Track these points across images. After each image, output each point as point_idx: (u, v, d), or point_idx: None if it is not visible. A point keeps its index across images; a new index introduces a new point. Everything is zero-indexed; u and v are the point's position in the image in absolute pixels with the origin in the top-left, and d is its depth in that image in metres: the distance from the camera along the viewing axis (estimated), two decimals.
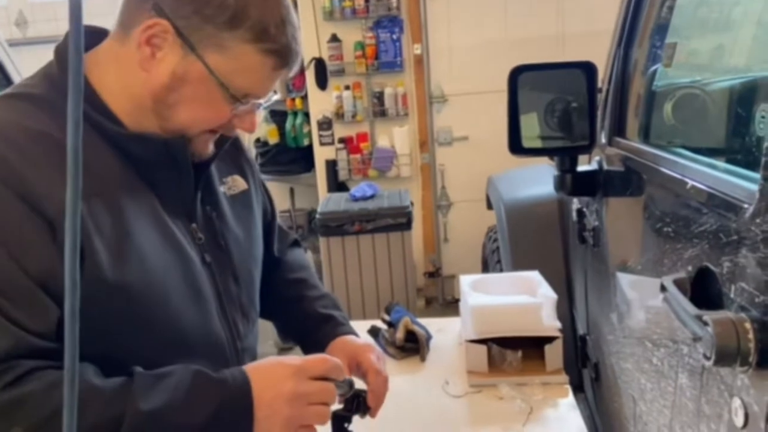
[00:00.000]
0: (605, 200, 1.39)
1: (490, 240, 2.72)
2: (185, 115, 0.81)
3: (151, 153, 0.82)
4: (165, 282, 0.81)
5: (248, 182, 1.01)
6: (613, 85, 1.43)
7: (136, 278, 0.77)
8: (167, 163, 0.83)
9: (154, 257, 0.80)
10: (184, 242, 0.85)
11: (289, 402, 0.78)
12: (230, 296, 0.92)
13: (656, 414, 1.01)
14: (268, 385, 0.78)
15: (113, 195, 0.78)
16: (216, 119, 0.83)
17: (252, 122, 0.86)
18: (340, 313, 1.08)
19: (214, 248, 0.90)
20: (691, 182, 0.88)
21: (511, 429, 1.24)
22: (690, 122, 1.28)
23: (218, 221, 0.92)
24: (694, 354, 0.84)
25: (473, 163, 3.75)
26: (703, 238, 0.82)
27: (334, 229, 2.96)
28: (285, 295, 1.10)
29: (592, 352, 1.57)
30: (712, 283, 0.79)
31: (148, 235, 0.80)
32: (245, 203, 0.99)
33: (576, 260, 1.78)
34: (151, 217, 0.82)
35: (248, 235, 0.98)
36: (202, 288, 0.86)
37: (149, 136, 0.82)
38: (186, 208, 0.88)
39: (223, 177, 0.96)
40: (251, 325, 0.97)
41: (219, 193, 0.94)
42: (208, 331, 0.87)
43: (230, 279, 0.92)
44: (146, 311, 0.79)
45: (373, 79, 3.80)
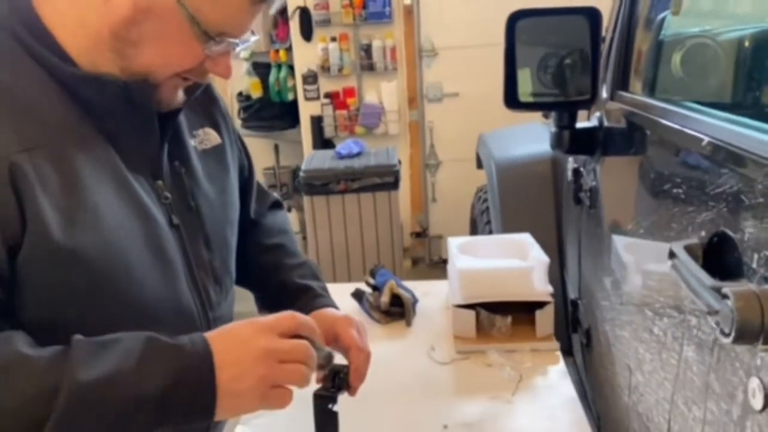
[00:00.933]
0: (605, 159, 1.31)
1: (480, 200, 2.65)
2: (150, 55, 0.71)
3: (108, 98, 0.72)
4: (125, 246, 0.71)
5: (222, 136, 0.91)
6: (618, 35, 1.33)
7: (90, 242, 0.68)
8: (127, 111, 0.73)
9: (111, 218, 0.70)
10: (147, 201, 0.76)
11: (259, 359, 0.67)
12: (201, 262, 0.83)
13: (655, 386, 0.95)
14: (233, 345, 0.68)
15: (62, 146, 0.68)
16: (185, 61, 0.73)
17: (227, 66, 0.76)
18: (319, 284, 1.00)
19: (182, 209, 0.81)
20: (707, 138, 0.79)
21: (500, 398, 1.19)
22: (701, 74, 1.19)
23: (188, 178, 0.83)
24: (703, 326, 0.77)
25: (463, 121, 3.65)
26: (719, 200, 0.74)
27: (319, 188, 2.87)
28: (260, 262, 1.01)
29: (583, 318, 1.51)
30: (729, 251, 0.71)
31: (105, 193, 0.71)
32: (219, 159, 0.90)
33: (570, 222, 1.71)
34: (109, 172, 0.72)
35: (222, 194, 0.89)
36: (169, 252, 0.77)
37: (106, 78, 0.71)
38: (150, 164, 0.78)
39: (193, 129, 0.87)
40: (225, 293, 0.89)
41: (189, 147, 0.85)
42: (175, 300, 0.78)
43: (201, 243, 0.83)
44: (103, 279, 0.70)
45: (361, 31, 3.65)
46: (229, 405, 0.67)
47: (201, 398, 0.66)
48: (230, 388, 0.67)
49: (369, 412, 1.16)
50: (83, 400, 0.62)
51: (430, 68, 3.74)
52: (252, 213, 1.04)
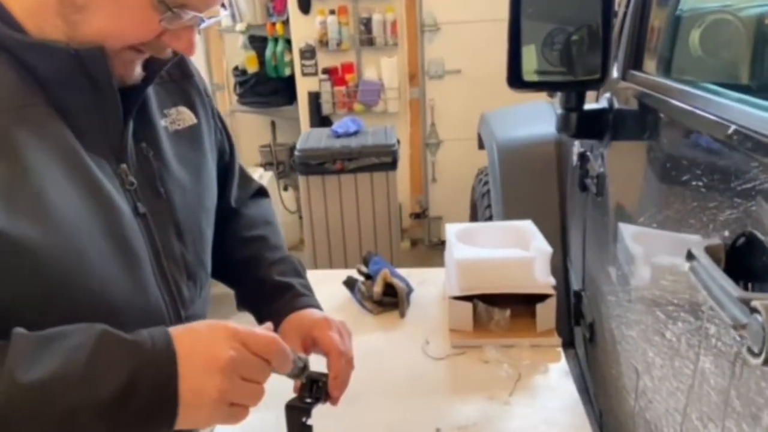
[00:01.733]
0: (614, 144, 1.22)
1: (480, 183, 2.56)
2: (99, 22, 0.63)
3: (59, 68, 0.63)
4: (78, 238, 0.63)
5: (198, 115, 0.83)
6: (632, 9, 1.23)
7: (38, 234, 0.59)
8: (81, 84, 0.65)
9: (62, 206, 0.62)
10: (108, 187, 0.67)
11: (224, 372, 0.59)
12: (172, 255, 0.75)
13: (665, 394, 0.88)
14: (199, 350, 0.59)
15: (5, 123, 0.60)
16: (140, 32, 0.65)
17: (190, 41, 0.68)
18: (301, 281, 0.92)
19: (150, 196, 0.73)
20: (734, 126, 0.70)
21: (497, 398, 1.12)
22: (721, 53, 1.09)
23: (156, 162, 0.75)
24: (723, 337, 0.70)
25: (466, 99, 3.54)
26: (747, 196, 0.66)
27: (314, 167, 2.77)
28: (239, 256, 0.94)
29: (587, 311, 1.43)
30: (757, 255, 0.63)
31: (55, 177, 0.62)
32: (193, 141, 0.82)
33: (574, 209, 1.63)
34: (61, 153, 0.63)
35: (196, 180, 0.81)
36: (133, 245, 0.69)
37: (55, 45, 0.63)
38: (112, 145, 0.70)
39: (164, 108, 0.79)
40: (199, 289, 0.81)
41: (159, 127, 0.77)
42: (142, 297, 0.70)
43: (172, 233, 0.76)
44: (54, 275, 0.61)
45: (361, 4, 3.52)
46: (185, 416, 0.59)
47: (160, 406, 0.58)
48: (190, 401, 0.58)
49: (356, 412, 1.09)
50: (22, 404, 0.53)
51: (432, 44, 3.62)
52: (233, 201, 0.97)
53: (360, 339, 0.84)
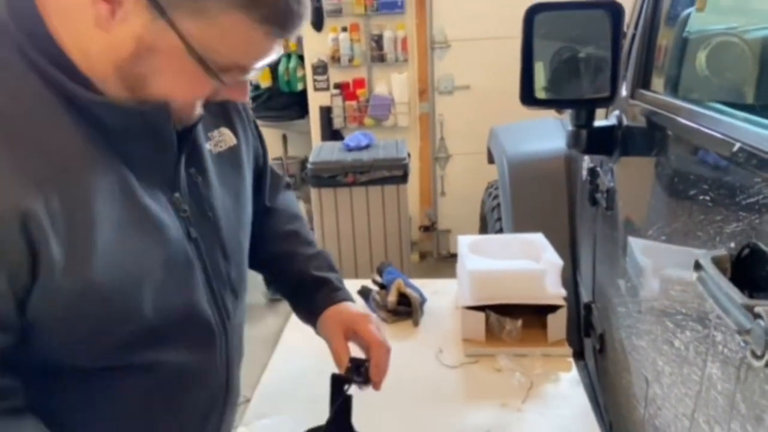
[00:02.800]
0: (623, 159, 1.26)
1: (490, 196, 2.60)
2: (159, 88, 0.65)
3: (126, 123, 0.66)
4: (140, 274, 0.67)
5: (237, 134, 0.86)
6: (640, 30, 1.28)
7: (104, 277, 0.63)
8: (144, 134, 0.68)
9: (127, 248, 0.66)
10: (166, 220, 0.71)
11: None
12: (219, 274, 0.79)
13: (675, 401, 0.91)
14: None
15: (72, 177, 0.62)
16: (197, 93, 0.68)
17: (243, 92, 0.70)
18: (336, 276, 0.99)
19: (200, 220, 0.76)
20: (739, 144, 0.75)
21: (510, 405, 1.15)
22: (727, 74, 1.14)
23: (204, 187, 0.78)
24: (729, 344, 0.73)
25: (474, 114, 3.59)
26: (752, 210, 0.70)
27: (326, 180, 2.82)
28: (276, 251, 0.99)
29: (597, 322, 1.47)
30: (761, 265, 0.67)
31: (119, 220, 0.65)
32: (233, 161, 0.85)
33: (584, 223, 1.67)
34: (123, 196, 0.66)
35: (237, 200, 0.84)
36: (189, 270, 0.74)
37: (125, 105, 0.65)
38: (167, 176, 0.73)
39: (208, 131, 0.81)
40: (240, 301, 0.86)
41: (204, 151, 0.79)
42: (195, 315, 0.75)
43: (219, 254, 0.79)
44: (117, 309, 0.66)
45: (372, 21, 3.59)
46: None
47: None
48: None
49: (373, 418, 1.13)
50: None
51: (442, 60, 3.68)
52: (267, 200, 1.01)
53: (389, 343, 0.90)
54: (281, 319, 3.12)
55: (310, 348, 1.32)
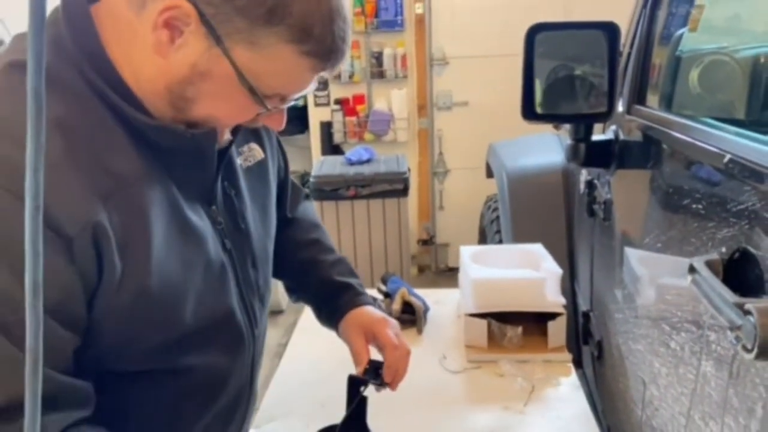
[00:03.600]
0: (620, 172, 1.32)
1: (489, 210, 2.65)
2: (204, 111, 0.68)
3: (176, 145, 0.70)
4: (187, 281, 0.72)
5: (265, 149, 0.90)
6: (635, 49, 1.34)
7: (155, 285, 0.67)
8: (192, 154, 0.72)
9: (174, 257, 0.70)
10: (205, 233, 0.75)
11: None
12: (249, 282, 0.84)
13: (671, 401, 0.96)
14: None
15: (134, 193, 0.66)
16: (240, 118, 0.71)
17: (281, 120, 0.74)
18: (357, 281, 1.03)
19: (233, 232, 0.81)
20: (729, 155, 0.80)
21: (512, 408, 1.19)
22: (719, 91, 1.20)
23: (237, 200, 0.82)
24: (722, 342, 0.78)
25: (472, 130, 3.66)
26: (741, 217, 0.75)
27: (329, 193, 2.87)
28: (298, 258, 1.03)
29: (595, 330, 1.51)
30: (750, 268, 0.72)
31: (167, 232, 0.69)
32: (261, 175, 0.89)
33: (581, 234, 1.72)
34: (170, 209, 0.70)
35: (264, 212, 0.89)
36: (224, 279, 0.78)
37: (177, 129, 0.69)
38: (205, 192, 0.77)
39: (239, 146, 0.85)
40: (265, 308, 0.91)
41: (237, 166, 0.84)
42: (228, 323, 0.80)
43: (249, 263, 0.84)
44: (167, 312, 0.70)
45: (372, 38, 3.67)
46: None
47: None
48: None
49: (380, 422, 1.17)
50: None
51: (441, 77, 3.75)
52: (288, 211, 1.05)
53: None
54: (281, 330, 3.15)
55: (317, 355, 1.37)
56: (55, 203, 0.58)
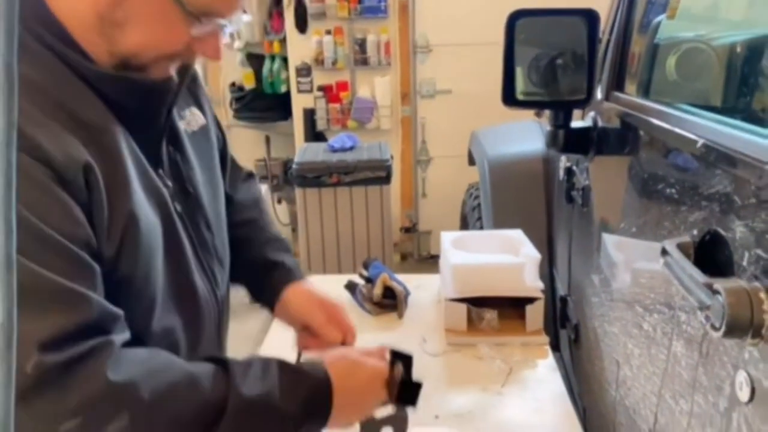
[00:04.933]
0: (598, 158, 1.33)
1: (471, 197, 2.67)
2: (136, 36, 0.68)
3: (132, 97, 0.71)
4: (151, 247, 0.72)
5: (205, 115, 0.91)
6: (614, 37, 1.35)
7: (142, 233, 0.69)
8: (144, 107, 0.73)
9: (144, 221, 0.70)
10: (162, 193, 0.75)
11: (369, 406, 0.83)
12: (205, 245, 0.84)
13: (643, 380, 0.98)
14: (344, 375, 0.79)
15: (108, 140, 0.68)
16: (172, 42, 0.71)
17: (216, 48, 0.74)
18: (291, 258, 1.03)
19: (182, 196, 0.81)
20: (702, 140, 0.82)
21: (490, 389, 1.21)
22: (695, 78, 1.21)
23: (183, 164, 0.82)
24: (692, 322, 0.80)
25: (455, 118, 3.67)
26: (712, 200, 0.77)
27: (311, 180, 2.87)
28: (233, 239, 1.01)
29: (572, 314, 1.54)
30: (720, 249, 0.74)
31: (139, 192, 0.70)
32: (205, 139, 0.90)
33: (560, 220, 1.74)
34: (137, 162, 0.71)
35: (212, 175, 0.89)
36: (179, 241, 0.78)
37: (134, 78, 0.70)
38: (153, 152, 0.77)
39: (181, 111, 0.86)
40: (225, 271, 0.91)
41: (180, 130, 0.84)
42: (190, 287, 0.80)
43: (203, 226, 0.84)
44: (127, 280, 0.70)
45: (356, 25, 3.65)
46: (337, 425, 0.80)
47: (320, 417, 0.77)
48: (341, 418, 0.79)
49: None
50: (245, 411, 0.70)
51: (424, 64, 3.75)
52: (228, 187, 1.04)
53: (361, 338, 0.94)
54: (262, 317, 3.15)
55: None
56: (51, 149, 0.61)
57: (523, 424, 1.11)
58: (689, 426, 0.79)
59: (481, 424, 1.11)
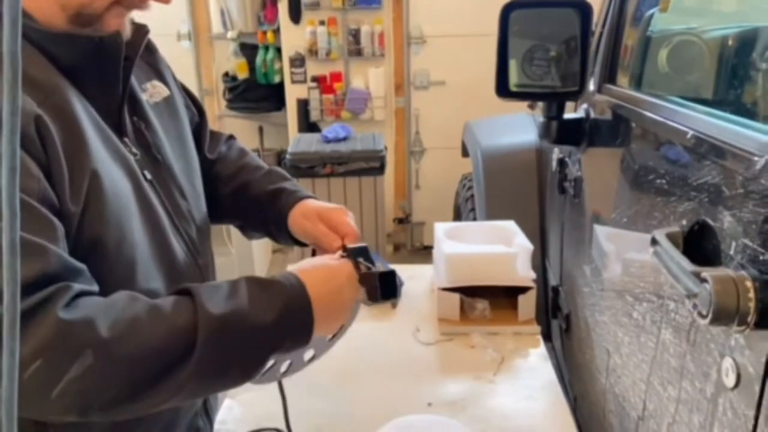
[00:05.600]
0: (590, 150, 1.35)
1: (465, 188, 2.68)
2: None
3: (80, 55, 0.71)
4: (121, 209, 0.72)
5: (169, 87, 0.91)
6: (607, 29, 1.36)
7: (107, 193, 0.69)
8: (96, 68, 0.73)
9: (109, 182, 0.70)
10: (128, 158, 0.75)
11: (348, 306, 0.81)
12: (180, 213, 0.84)
13: (633, 368, 1.00)
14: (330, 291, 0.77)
15: (61, 100, 0.67)
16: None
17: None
18: (291, 182, 1.01)
19: (151, 163, 0.81)
20: (692, 132, 0.83)
21: (482, 378, 1.23)
22: (686, 70, 1.23)
23: (148, 133, 0.82)
24: (680, 310, 0.81)
25: (449, 110, 3.67)
26: (701, 191, 0.78)
27: (305, 170, 2.87)
28: (230, 190, 1.01)
29: (564, 303, 1.55)
30: (708, 239, 0.75)
31: (100, 152, 0.70)
32: (171, 111, 0.90)
33: (553, 211, 1.75)
34: (97, 130, 0.71)
35: (181, 145, 0.89)
36: (152, 207, 0.78)
37: (80, 35, 0.70)
38: (114, 121, 0.77)
39: (141, 83, 0.86)
40: (206, 239, 0.91)
41: (143, 101, 0.84)
42: (167, 254, 0.80)
43: (176, 194, 0.84)
44: (98, 241, 0.69)
45: (350, 15, 3.64)
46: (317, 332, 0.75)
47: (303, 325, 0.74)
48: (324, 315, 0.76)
49: (356, 390, 1.19)
50: (218, 331, 0.67)
51: (418, 56, 3.75)
52: (208, 153, 1.04)
53: (354, 327, 0.93)
54: None
55: None
56: None
57: (514, 412, 1.13)
58: (677, 412, 0.81)
59: (474, 411, 1.12)
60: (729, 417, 0.66)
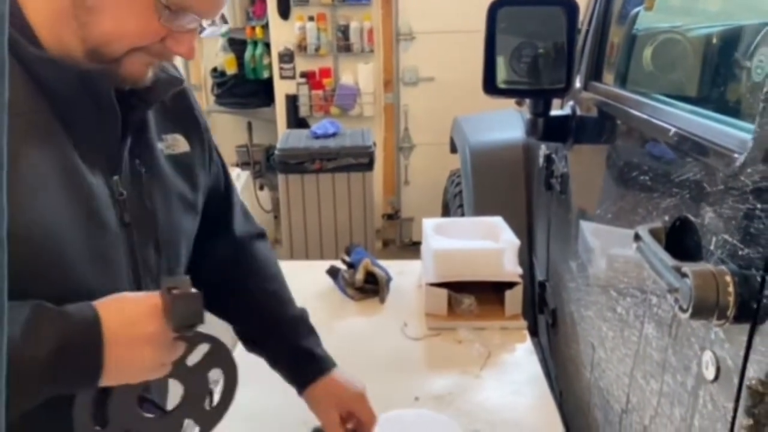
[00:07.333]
0: (576, 146, 1.36)
1: (453, 184, 2.69)
2: (108, 23, 0.67)
3: (65, 84, 0.69)
4: (62, 241, 0.69)
5: (192, 145, 0.88)
6: (593, 27, 1.38)
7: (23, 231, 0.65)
8: (87, 100, 0.71)
9: (50, 209, 0.68)
10: (99, 198, 0.73)
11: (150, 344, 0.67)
12: (148, 266, 0.80)
13: (616, 362, 1.01)
14: (125, 323, 0.67)
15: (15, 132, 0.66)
16: (144, 33, 0.70)
17: (190, 46, 0.72)
18: (317, 340, 1.01)
19: (136, 207, 0.78)
20: (675, 129, 0.84)
21: (469, 372, 1.24)
22: (670, 68, 1.24)
23: (147, 179, 0.80)
24: (663, 305, 0.83)
25: (438, 106, 3.68)
26: (683, 187, 0.79)
27: (294, 166, 2.87)
28: (256, 310, 1.00)
29: (550, 299, 1.57)
30: (689, 235, 0.76)
31: (50, 182, 0.68)
32: (184, 167, 0.87)
33: (539, 207, 1.77)
34: (60, 162, 0.69)
35: (181, 203, 0.86)
36: (111, 252, 0.75)
37: (64, 61, 0.69)
38: (108, 157, 0.75)
39: (162, 133, 0.84)
40: None
41: (156, 148, 0.82)
42: None
43: (150, 245, 0.81)
44: (39, 269, 0.67)
45: (339, 11, 3.63)
46: (110, 379, 0.67)
47: (87, 363, 0.65)
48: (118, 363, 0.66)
49: None
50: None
51: (407, 52, 3.75)
52: (237, 231, 1.01)
53: (343, 323, 0.94)
54: None
55: None
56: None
57: (501, 406, 1.14)
58: (659, 404, 0.83)
59: (460, 406, 1.13)
60: (709, 409, 0.68)
